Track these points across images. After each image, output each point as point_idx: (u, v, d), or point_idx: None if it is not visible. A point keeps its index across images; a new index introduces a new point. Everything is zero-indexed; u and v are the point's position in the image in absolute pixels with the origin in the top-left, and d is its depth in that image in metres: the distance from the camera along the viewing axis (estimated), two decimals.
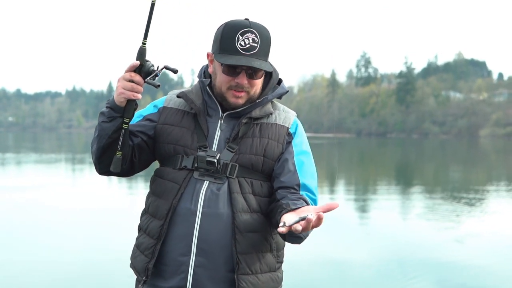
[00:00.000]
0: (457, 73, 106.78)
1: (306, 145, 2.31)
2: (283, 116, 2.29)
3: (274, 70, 2.31)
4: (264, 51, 2.16)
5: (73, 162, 28.45)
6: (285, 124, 2.25)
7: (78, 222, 10.73)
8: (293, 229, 1.86)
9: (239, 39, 2.11)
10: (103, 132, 2.17)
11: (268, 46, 2.18)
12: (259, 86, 2.23)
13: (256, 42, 2.13)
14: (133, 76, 2.10)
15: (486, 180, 21.54)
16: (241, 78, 2.15)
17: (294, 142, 2.25)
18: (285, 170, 2.19)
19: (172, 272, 2.14)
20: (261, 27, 2.16)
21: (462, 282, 7.00)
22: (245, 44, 2.12)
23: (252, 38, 2.12)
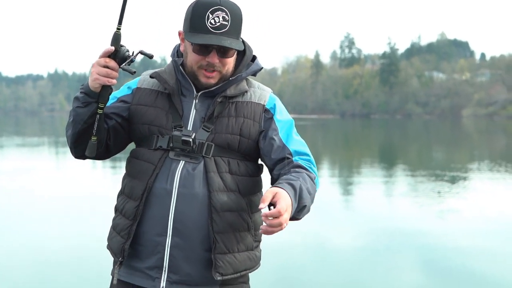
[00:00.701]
0: (440, 53, 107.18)
1: (288, 118, 2.29)
2: (259, 93, 2.27)
3: (248, 48, 2.28)
4: (235, 29, 2.13)
5: (57, 146, 28.26)
6: (261, 102, 2.24)
7: (62, 207, 10.69)
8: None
9: (209, 18, 2.08)
10: (78, 117, 2.15)
11: (239, 24, 2.15)
12: (231, 64, 2.20)
13: (227, 21, 2.10)
14: (108, 61, 2.08)
15: (468, 160, 21.74)
16: (212, 57, 2.12)
17: (275, 118, 2.24)
18: (274, 147, 2.19)
19: (149, 252, 2.13)
20: (232, 4, 2.13)
21: (445, 260, 7.09)
22: (215, 23, 2.08)
23: (223, 16, 2.09)
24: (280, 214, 1.89)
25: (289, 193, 1.98)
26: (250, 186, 2.20)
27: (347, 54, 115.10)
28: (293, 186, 2.02)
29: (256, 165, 2.26)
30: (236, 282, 2.19)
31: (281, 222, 1.89)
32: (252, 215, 2.20)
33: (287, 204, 1.93)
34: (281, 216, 1.90)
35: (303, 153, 2.23)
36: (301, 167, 2.17)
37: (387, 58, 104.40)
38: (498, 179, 15.09)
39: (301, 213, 2.07)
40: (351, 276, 6.44)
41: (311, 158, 2.24)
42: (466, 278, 6.33)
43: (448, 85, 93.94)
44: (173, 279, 2.12)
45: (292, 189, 2.01)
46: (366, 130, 52.71)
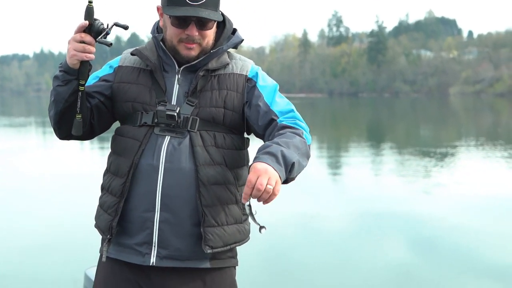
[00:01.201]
0: (428, 31, 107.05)
1: (271, 83, 2.28)
2: (240, 64, 2.26)
3: (228, 20, 2.27)
4: (213, 0, 2.12)
5: (44, 126, 28.09)
6: (243, 72, 2.23)
7: (49, 187, 10.68)
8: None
9: None
10: (59, 96, 2.14)
11: None
12: (211, 37, 2.19)
13: None
14: (83, 36, 2.05)
15: (455, 137, 21.88)
16: (191, 30, 2.11)
17: (258, 85, 2.23)
18: (260, 113, 2.18)
19: (137, 228, 2.13)
20: None
21: (432, 237, 7.17)
22: None
23: None
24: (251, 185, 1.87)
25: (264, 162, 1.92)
26: (237, 159, 2.20)
27: (335, 33, 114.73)
28: (269, 153, 1.96)
29: (242, 138, 2.25)
30: (225, 257, 2.20)
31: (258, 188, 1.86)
32: (240, 188, 2.20)
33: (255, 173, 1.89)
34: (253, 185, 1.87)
35: (288, 110, 2.21)
36: (286, 127, 2.14)
37: (375, 36, 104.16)
38: (484, 156, 15.21)
39: (292, 171, 2.00)
40: (339, 253, 6.50)
41: (295, 114, 2.22)
42: (452, 255, 6.40)
43: (436, 63, 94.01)
44: (163, 254, 2.12)
45: (268, 156, 1.95)
46: (354, 109, 52.81)
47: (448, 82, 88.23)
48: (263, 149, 1.98)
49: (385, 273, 5.73)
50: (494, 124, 30.36)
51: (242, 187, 2.20)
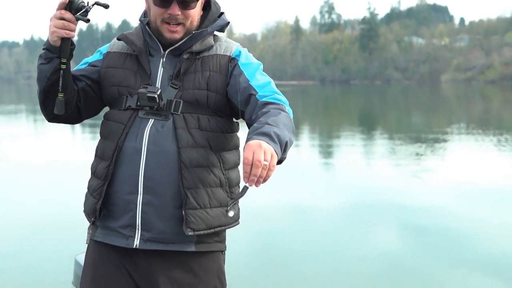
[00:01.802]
0: (420, 18, 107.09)
1: (255, 61, 2.25)
2: (224, 46, 2.24)
3: (214, 3, 2.27)
4: None
5: (34, 113, 27.96)
6: (227, 53, 2.21)
7: (40, 173, 10.65)
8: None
9: None
10: (42, 74, 2.16)
11: None
12: (195, 17, 2.18)
13: None
14: (63, 13, 2.06)
15: (446, 124, 21.95)
16: (173, 9, 2.11)
17: (240, 62, 2.21)
18: (240, 87, 2.16)
19: (121, 211, 2.14)
20: None
21: (423, 221, 7.20)
22: None
23: None
24: (249, 162, 1.82)
25: (257, 139, 1.89)
26: (223, 143, 2.18)
27: (327, 20, 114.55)
28: (261, 133, 1.93)
29: (230, 121, 2.23)
30: (212, 241, 2.19)
31: (256, 164, 1.81)
32: (226, 171, 2.19)
33: (249, 150, 1.85)
34: (251, 161, 1.82)
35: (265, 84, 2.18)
36: (268, 103, 2.12)
37: (367, 23, 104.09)
38: (475, 143, 15.28)
39: (286, 151, 2.00)
40: (330, 241, 6.52)
41: (273, 88, 2.20)
42: (443, 241, 6.44)
43: (427, 50, 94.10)
44: (147, 237, 2.11)
45: (261, 136, 1.91)
46: (346, 96, 52.85)
47: (439, 69, 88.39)
48: (254, 131, 1.95)
49: (376, 260, 5.76)
50: (484, 111, 30.48)
51: (228, 171, 2.19)
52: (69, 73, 2.18)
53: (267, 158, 1.83)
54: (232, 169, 2.22)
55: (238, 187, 2.26)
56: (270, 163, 1.84)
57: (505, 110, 31.74)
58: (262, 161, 1.81)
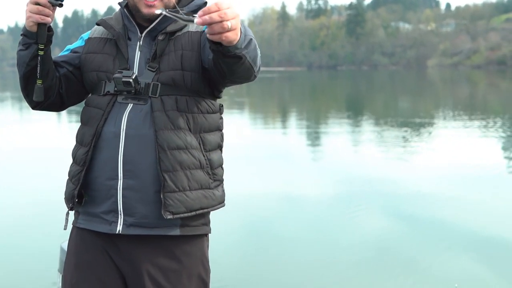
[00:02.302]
0: (406, 4, 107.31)
1: None
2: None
3: None
4: None
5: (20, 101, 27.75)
6: (198, 29, 2.15)
7: (25, 161, 10.58)
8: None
9: None
10: (21, 60, 2.15)
11: None
12: None
13: None
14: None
15: (433, 108, 22.06)
16: None
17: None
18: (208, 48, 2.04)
19: (103, 197, 2.11)
20: None
21: (411, 206, 7.24)
22: None
23: None
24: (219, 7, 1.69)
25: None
26: (203, 124, 2.15)
27: (314, 6, 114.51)
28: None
29: (211, 102, 2.18)
30: (197, 224, 2.16)
31: (218, 7, 1.68)
32: (208, 153, 2.15)
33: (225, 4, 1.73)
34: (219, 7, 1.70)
35: None
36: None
37: (354, 9, 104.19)
38: (461, 127, 15.38)
39: (248, 47, 1.90)
40: (318, 226, 6.54)
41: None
42: (431, 225, 6.47)
43: (414, 35, 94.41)
44: (129, 222, 2.09)
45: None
46: (333, 81, 52.93)
47: (426, 54, 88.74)
48: None
49: (363, 246, 5.78)
50: (470, 96, 30.65)
51: (209, 152, 2.16)
52: (48, 59, 2.16)
53: (229, 12, 1.70)
54: (213, 150, 2.18)
55: (221, 168, 2.24)
56: (230, 20, 1.71)
57: (490, 94, 31.95)
58: (222, 6, 1.70)
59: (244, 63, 1.91)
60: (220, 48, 1.82)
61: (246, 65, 1.93)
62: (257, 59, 2.00)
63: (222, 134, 2.26)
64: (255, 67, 2.00)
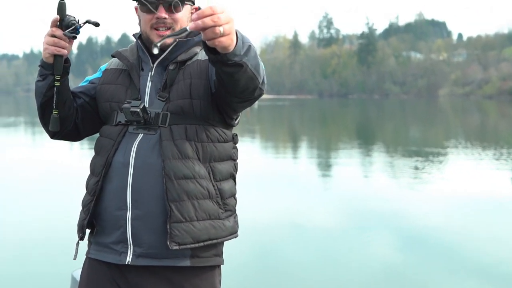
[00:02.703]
0: (418, 33, 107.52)
1: None
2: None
3: None
4: None
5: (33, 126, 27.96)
6: (207, 58, 2.02)
7: (38, 186, 10.63)
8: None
9: None
10: (38, 91, 2.19)
11: None
12: (184, 22, 2.16)
13: None
14: (54, 31, 2.09)
15: (444, 138, 21.96)
16: (160, 11, 2.11)
17: None
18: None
19: (112, 227, 2.11)
20: None
21: (420, 235, 7.19)
22: None
23: None
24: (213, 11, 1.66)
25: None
26: (213, 153, 2.13)
27: (325, 34, 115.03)
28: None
29: (222, 130, 2.16)
30: (208, 254, 2.13)
31: (211, 11, 1.65)
32: (218, 183, 2.13)
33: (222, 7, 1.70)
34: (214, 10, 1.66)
35: None
36: None
37: (365, 38, 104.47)
38: (473, 157, 15.29)
39: (248, 53, 1.84)
40: (328, 251, 6.52)
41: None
42: (440, 253, 6.43)
43: (425, 64, 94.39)
44: (138, 253, 2.08)
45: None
46: (344, 110, 52.90)
47: (437, 83, 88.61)
48: None
49: (372, 271, 5.76)
50: (482, 125, 30.52)
51: (220, 182, 2.14)
52: (65, 90, 2.19)
53: (222, 17, 1.66)
54: (224, 180, 2.16)
55: (233, 198, 2.21)
56: (223, 24, 1.67)
57: (502, 124, 31.81)
58: (216, 10, 1.66)
59: (246, 71, 1.86)
60: (219, 57, 1.79)
61: (248, 73, 1.88)
62: (259, 68, 1.95)
63: (235, 163, 2.24)
64: (258, 76, 1.94)
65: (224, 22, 1.67)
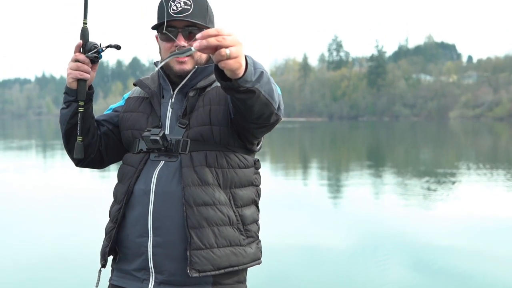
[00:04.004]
0: (427, 56, 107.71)
1: None
2: None
3: None
4: (200, 12, 2.14)
5: (44, 149, 28.11)
6: None
7: (51, 210, 10.66)
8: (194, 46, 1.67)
9: (171, 6, 2.13)
10: (62, 118, 2.23)
11: (203, 9, 2.16)
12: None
13: (189, 5, 2.12)
14: (77, 55, 2.14)
15: (455, 160, 21.86)
16: (179, 39, 2.13)
17: None
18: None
19: (134, 254, 2.13)
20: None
21: (434, 260, 7.13)
22: (177, 8, 2.12)
23: (184, 1, 2.13)
24: (218, 32, 1.65)
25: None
26: (234, 179, 2.13)
27: (335, 57, 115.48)
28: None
29: (243, 156, 2.16)
30: (231, 281, 2.13)
31: (217, 32, 1.65)
32: (239, 209, 2.13)
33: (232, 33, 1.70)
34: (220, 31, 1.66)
35: None
36: None
37: (375, 60, 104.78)
38: (484, 179, 15.20)
39: (260, 80, 1.83)
40: (341, 276, 6.47)
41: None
42: (453, 278, 6.38)
43: (435, 87, 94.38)
44: (160, 280, 2.09)
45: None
46: (354, 132, 52.85)
47: (447, 106, 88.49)
48: None
49: None
50: (493, 148, 30.36)
51: (241, 208, 2.14)
52: (89, 117, 2.22)
53: (228, 39, 1.66)
54: (246, 206, 2.16)
55: (255, 224, 2.20)
56: (229, 46, 1.67)
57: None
58: (222, 31, 1.66)
59: (259, 97, 1.85)
60: (230, 84, 1.78)
61: (262, 99, 1.87)
62: (273, 94, 1.93)
63: (258, 189, 2.23)
64: (273, 102, 1.93)
65: (230, 44, 1.66)
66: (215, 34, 1.65)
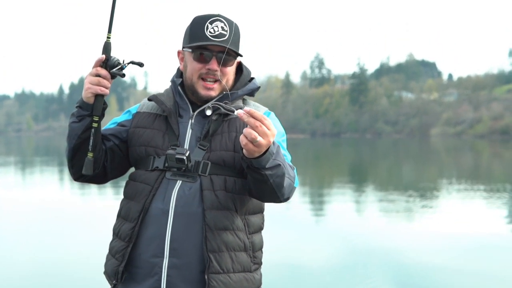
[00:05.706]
0: (409, 73, 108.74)
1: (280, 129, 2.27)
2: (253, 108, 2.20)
3: (245, 68, 2.29)
4: (234, 40, 2.14)
5: (24, 166, 27.80)
6: None
7: (30, 226, 10.49)
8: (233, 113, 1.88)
9: (208, 27, 2.11)
10: (73, 132, 2.15)
11: (237, 37, 2.16)
12: (231, 76, 2.19)
13: (226, 31, 2.12)
14: (99, 70, 2.07)
15: (437, 177, 21.98)
16: (212, 64, 2.12)
17: None
18: None
19: (145, 274, 2.08)
20: (230, 19, 2.17)
21: (415, 277, 7.11)
22: (214, 32, 2.11)
23: (221, 26, 2.12)
24: (264, 118, 1.84)
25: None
26: (248, 205, 2.15)
27: (317, 74, 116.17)
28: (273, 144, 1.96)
29: None
30: None
31: (262, 119, 1.83)
32: (251, 236, 2.15)
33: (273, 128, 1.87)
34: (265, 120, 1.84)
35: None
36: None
37: (357, 78, 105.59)
38: (465, 196, 15.27)
39: (274, 169, 1.95)
40: None
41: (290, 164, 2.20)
42: None
43: (417, 104, 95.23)
44: None
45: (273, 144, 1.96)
46: (337, 149, 53.05)
47: (429, 123, 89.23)
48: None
49: None
50: (474, 165, 30.61)
51: (252, 234, 2.15)
52: (99, 132, 2.16)
53: (265, 130, 1.83)
54: (256, 233, 2.18)
55: (261, 251, 2.23)
56: (262, 135, 1.83)
57: (494, 164, 31.91)
58: (266, 121, 1.83)
59: (266, 183, 1.94)
60: (245, 158, 1.90)
61: (269, 186, 1.96)
62: (283, 188, 2.00)
63: (263, 216, 2.27)
64: (280, 194, 2.01)
65: (263, 134, 1.81)
66: (260, 119, 1.81)
